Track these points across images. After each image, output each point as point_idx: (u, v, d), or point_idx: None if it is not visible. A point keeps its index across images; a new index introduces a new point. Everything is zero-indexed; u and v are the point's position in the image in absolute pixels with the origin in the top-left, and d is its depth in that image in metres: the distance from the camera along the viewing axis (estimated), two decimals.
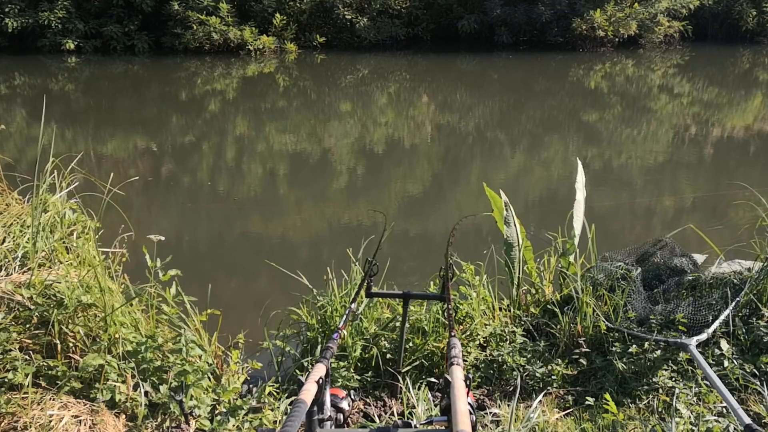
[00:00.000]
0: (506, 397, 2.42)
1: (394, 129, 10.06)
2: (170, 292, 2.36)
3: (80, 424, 2.02)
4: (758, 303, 2.72)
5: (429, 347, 2.60)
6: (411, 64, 17.00)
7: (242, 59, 16.56)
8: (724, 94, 13.11)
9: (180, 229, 5.35)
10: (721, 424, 2.08)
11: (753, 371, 2.40)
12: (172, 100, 12.28)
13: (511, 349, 2.64)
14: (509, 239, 3.06)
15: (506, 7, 18.54)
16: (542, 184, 6.97)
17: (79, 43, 16.48)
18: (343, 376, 2.42)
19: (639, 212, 5.90)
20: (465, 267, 2.96)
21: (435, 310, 2.69)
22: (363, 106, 12.02)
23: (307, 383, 1.14)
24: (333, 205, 6.14)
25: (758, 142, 8.92)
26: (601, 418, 2.19)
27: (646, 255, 3.20)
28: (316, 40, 17.76)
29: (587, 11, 17.97)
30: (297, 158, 8.05)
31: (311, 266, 4.02)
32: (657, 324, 2.57)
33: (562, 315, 2.75)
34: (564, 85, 14.25)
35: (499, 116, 11.29)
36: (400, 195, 6.54)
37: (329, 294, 2.79)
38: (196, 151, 8.47)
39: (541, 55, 17.64)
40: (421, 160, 8.19)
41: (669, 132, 9.74)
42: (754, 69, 16.72)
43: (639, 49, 18.96)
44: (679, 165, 7.83)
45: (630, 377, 2.42)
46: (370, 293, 2.11)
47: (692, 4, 19.46)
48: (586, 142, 9.12)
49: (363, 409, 2.37)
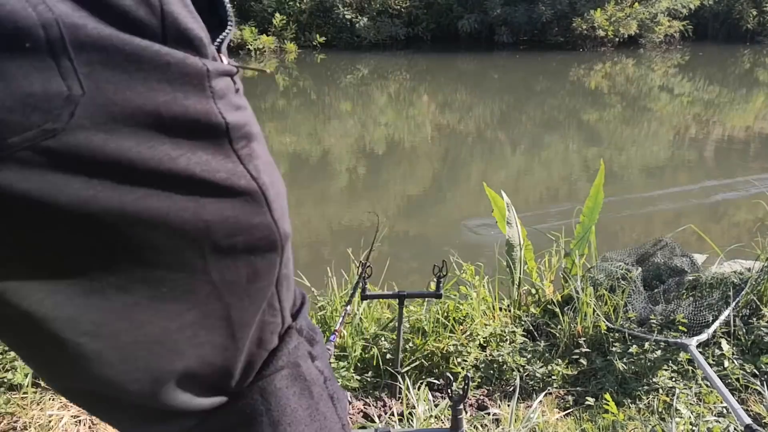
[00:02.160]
0: (506, 397, 2.42)
1: (394, 129, 10.06)
2: None
3: (80, 424, 2.02)
4: (758, 303, 2.72)
5: (429, 347, 2.60)
6: (411, 64, 17.00)
7: (242, 59, 16.56)
8: (724, 94, 13.11)
9: None
10: (721, 424, 2.08)
11: (753, 371, 2.40)
12: None
13: (512, 349, 2.64)
14: (511, 240, 3.06)
15: (506, 7, 18.54)
16: (542, 183, 6.97)
17: None
18: (343, 377, 2.42)
19: (639, 212, 5.90)
20: (465, 267, 2.96)
21: (435, 310, 2.69)
22: (363, 106, 12.02)
23: None
24: (333, 205, 6.14)
25: (759, 142, 8.92)
26: (601, 418, 2.19)
27: (647, 255, 3.20)
28: (316, 39, 17.77)
29: (588, 11, 17.98)
30: (297, 158, 8.05)
31: (311, 266, 4.02)
32: (657, 324, 2.57)
33: (562, 315, 2.75)
34: (564, 84, 14.26)
35: (500, 116, 11.29)
36: (400, 195, 6.54)
37: (329, 294, 2.79)
38: None
39: (541, 54, 17.65)
40: (421, 160, 8.19)
41: (669, 132, 9.74)
42: (755, 69, 16.72)
43: (639, 49, 18.97)
44: (679, 165, 7.83)
45: (630, 377, 2.42)
46: (365, 296, 2.14)
47: (692, 4, 19.47)
48: (586, 141, 9.12)
49: (363, 409, 2.37)
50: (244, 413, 0.50)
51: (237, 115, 0.43)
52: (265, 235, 0.45)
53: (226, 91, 0.42)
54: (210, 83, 0.41)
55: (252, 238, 0.44)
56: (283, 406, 0.51)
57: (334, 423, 0.56)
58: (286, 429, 0.51)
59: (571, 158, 8.16)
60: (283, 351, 0.52)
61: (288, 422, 0.51)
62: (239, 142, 0.43)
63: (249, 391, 0.50)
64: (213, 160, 0.41)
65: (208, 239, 0.42)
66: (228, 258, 0.43)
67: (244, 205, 0.44)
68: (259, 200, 0.45)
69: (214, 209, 0.42)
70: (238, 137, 0.43)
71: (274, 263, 0.48)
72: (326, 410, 0.55)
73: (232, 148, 0.43)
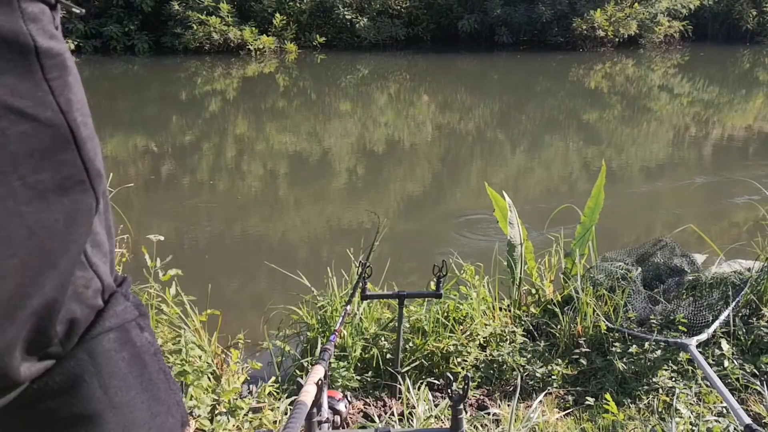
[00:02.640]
0: (506, 397, 2.42)
1: (394, 129, 10.06)
2: (170, 292, 2.36)
3: None
4: (758, 303, 2.72)
5: (429, 347, 2.60)
6: (411, 64, 17.00)
7: (242, 59, 16.56)
8: (724, 94, 13.11)
9: (180, 229, 5.34)
10: (721, 424, 2.08)
11: (753, 371, 2.40)
12: (173, 100, 12.28)
13: (512, 349, 2.64)
14: (512, 240, 3.06)
15: (506, 7, 18.54)
16: (543, 183, 6.97)
17: (79, 43, 16.46)
18: (344, 376, 2.42)
19: (639, 212, 5.90)
20: (465, 267, 2.96)
21: (435, 310, 2.69)
22: (363, 106, 12.02)
23: (307, 385, 1.14)
24: (333, 204, 6.14)
25: (759, 142, 8.92)
26: (601, 418, 2.19)
27: (646, 255, 3.20)
28: (316, 40, 17.76)
29: (587, 11, 17.97)
30: (297, 158, 8.05)
31: (311, 266, 4.02)
32: (657, 324, 2.57)
33: (562, 315, 2.75)
34: (564, 84, 14.25)
35: (500, 116, 11.29)
36: (401, 195, 6.54)
37: (329, 294, 2.79)
38: (196, 150, 8.47)
39: (541, 55, 17.64)
40: (421, 160, 8.19)
41: (669, 132, 9.74)
42: (755, 69, 16.72)
43: (639, 49, 18.97)
44: (679, 164, 7.83)
45: (630, 377, 2.42)
46: (365, 296, 2.14)
47: (692, 4, 19.46)
48: (586, 141, 9.12)
49: (363, 409, 2.37)
50: (72, 374, 0.48)
51: (51, 43, 0.41)
52: (72, 174, 0.44)
53: (39, 16, 0.41)
54: (20, 3, 0.39)
55: (59, 176, 0.43)
56: (112, 369, 0.50)
57: (168, 396, 0.55)
58: (117, 393, 0.50)
59: (571, 158, 8.16)
60: (110, 312, 0.51)
61: (118, 386, 0.50)
62: (51, 72, 0.41)
63: (76, 351, 0.49)
64: (20, 85, 0.40)
65: (15, 172, 0.40)
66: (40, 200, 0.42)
67: (50, 138, 0.42)
68: (66, 135, 0.43)
69: (17, 138, 0.40)
70: (51, 66, 0.41)
71: (90, 209, 0.46)
72: (160, 382, 0.54)
73: (43, 76, 0.41)
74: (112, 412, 0.50)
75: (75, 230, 0.45)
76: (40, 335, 0.46)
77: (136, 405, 0.51)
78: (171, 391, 0.56)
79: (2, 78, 0.39)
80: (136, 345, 0.52)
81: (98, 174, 0.46)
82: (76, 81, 0.45)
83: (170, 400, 0.55)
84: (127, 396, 0.51)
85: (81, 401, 0.49)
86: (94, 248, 0.50)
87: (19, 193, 0.41)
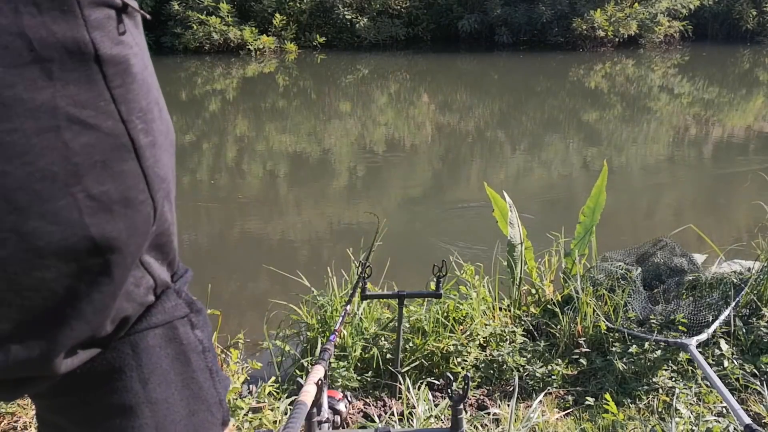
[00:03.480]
0: (506, 397, 2.42)
1: (394, 129, 10.06)
2: None
3: None
4: (758, 303, 2.72)
5: (429, 347, 2.60)
6: (411, 64, 16.99)
7: (242, 59, 16.56)
8: (724, 94, 13.11)
9: (179, 229, 5.34)
10: (721, 424, 2.08)
11: (753, 371, 2.40)
12: (172, 99, 12.28)
13: (511, 349, 2.64)
14: (512, 240, 3.06)
15: (506, 7, 18.53)
16: (543, 183, 6.97)
17: None
18: (344, 376, 2.42)
19: (639, 212, 5.90)
20: (465, 267, 2.96)
21: (435, 310, 2.69)
22: (363, 106, 12.02)
23: (307, 385, 1.14)
24: (333, 204, 6.14)
25: (759, 142, 8.92)
26: (601, 418, 2.19)
27: (646, 255, 3.20)
28: (316, 40, 17.76)
29: (587, 11, 17.97)
30: (297, 158, 8.05)
31: (311, 266, 4.02)
32: (657, 324, 2.57)
33: (562, 315, 2.75)
34: (564, 84, 14.25)
35: (500, 116, 11.29)
36: (401, 195, 6.54)
37: (329, 294, 2.79)
38: (196, 150, 8.47)
39: (541, 55, 17.64)
40: (421, 160, 8.19)
41: (669, 132, 9.73)
42: (755, 69, 16.72)
43: (639, 49, 18.96)
44: (679, 164, 7.83)
45: (630, 377, 2.42)
46: (365, 295, 2.14)
47: (692, 4, 19.46)
48: (586, 141, 9.12)
49: (363, 409, 2.37)
50: (112, 366, 0.48)
51: (116, 50, 0.41)
52: (133, 184, 0.43)
53: (104, 23, 0.40)
54: (82, 10, 0.38)
55: (122, 186, 0.42)
56: (153, 365, 0.50)
57: (210, 396, 0.55)
58: (155, 388, 0.50)
59: (571, 158, 8.16)
60: (159, 308, 0.51)
61: (158, 382, 0.50)
62: (114, 79, 0.41)
63: (120, 344, 0.48)
64: (83, 95, 0.39)
65: (80, 184, 0.40)
66: (105, 212, 0.41)
67: (112, 148, 0.41)
68: (127, 144, 0.42)
69: (81, 150, 0.39)
70: (114, 74, 0.41)
71: (149, 218, 0.46)
72: (203, 381, 0.54)
73: (106, 85, 0.40)
74: (148, 407, 0.50)
75: (134, 240, 0.45)
76: (90, 335, 0.46)
77: (174, 402, 0.51)
78: (215, 390, 0.56)
79: (65, 88, 0.38)
80: (183, 342, 0.52)
81: (159, 180, 0.46)
82: (143, 84, 0.45)
83: (212, 399, 0.55)
84: (166, 392, 0.51)
85: (117, 393, 0.49)
86: (147, 248, 0.50)
87: (83, 206, 0.40)
